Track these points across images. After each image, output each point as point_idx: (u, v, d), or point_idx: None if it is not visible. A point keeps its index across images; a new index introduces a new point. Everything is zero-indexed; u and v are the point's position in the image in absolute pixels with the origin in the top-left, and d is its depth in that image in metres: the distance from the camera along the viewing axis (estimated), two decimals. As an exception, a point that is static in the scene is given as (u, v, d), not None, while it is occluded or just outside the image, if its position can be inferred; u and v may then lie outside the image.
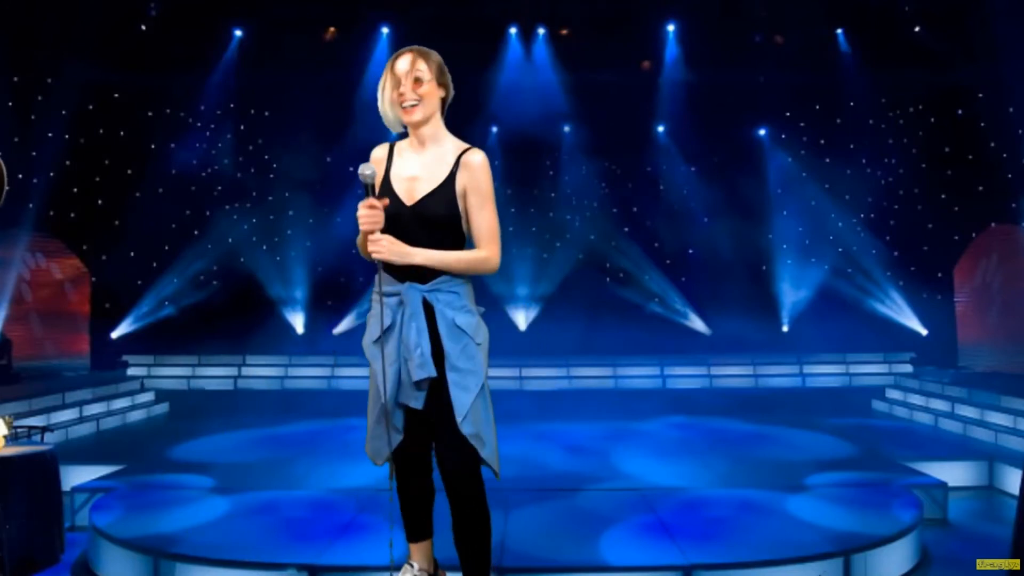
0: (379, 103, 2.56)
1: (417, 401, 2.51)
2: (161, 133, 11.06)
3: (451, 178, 2.50)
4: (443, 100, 2.58)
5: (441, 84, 2.55)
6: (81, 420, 7.50)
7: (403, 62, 2.52)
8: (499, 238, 2.55)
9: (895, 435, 7.04)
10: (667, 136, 11.79)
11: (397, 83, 2.51)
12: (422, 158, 2.54)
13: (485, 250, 2.53)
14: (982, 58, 9.33)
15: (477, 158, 2.52)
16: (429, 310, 2.49)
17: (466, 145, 2.57)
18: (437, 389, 2.50)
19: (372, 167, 2.45)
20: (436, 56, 2.57)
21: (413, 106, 2.49)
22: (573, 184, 11.86)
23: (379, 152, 2.63)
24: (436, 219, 2.48)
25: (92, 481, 5.08)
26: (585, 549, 3.68)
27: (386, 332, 2.50)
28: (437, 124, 2.57)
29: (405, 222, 2.47)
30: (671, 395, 9.40)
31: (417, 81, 2.50)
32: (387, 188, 2.52)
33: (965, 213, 10.19)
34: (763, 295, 11.42)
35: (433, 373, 2.46)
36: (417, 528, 2.73)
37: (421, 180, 2.51)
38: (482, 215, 2.52)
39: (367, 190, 2.43)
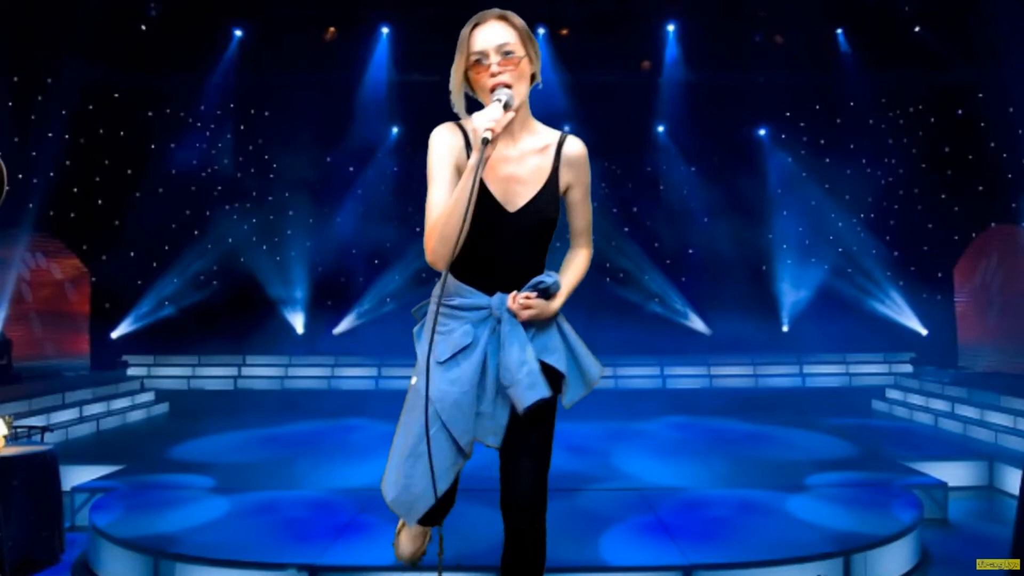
0: (452, 86, 2.09)
1: (496, 437, 2.09)
2: (161, 133, 11.05)
3: (554, 175, 2.13)
4: (533, 77, 2.11)
5: (532, 56, 2.08)
6: (81, 420, 7.50)
7: (488, 33, 2.03)
8: None
9: (895, 435, 7.03)
10: (667, 136, 11.79)
11: (479, 61, 2.03)
12: (515, 151, 2.10)
13: (586, 247, 2.26)
14: (982, 58, 9.32)
15: (580, 148, 2.16)
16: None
17: (558, 132, 2.19)
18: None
19: (507, 92, 1.99)
20: (520, 20, 2.08)
21: (505, 87, 2.01)
22: (573, 184, 11.84)
23: (452, 138, 2.08)
24: (539, 226, 2.11)
25: (92, 481, 5.07)
26: (585, 549, 3.67)
27: (461, 353, 2.08)
28: (526, 107, 2.12)
29: (503, 231, 2.07)
30: (671, 395, 9.40)
31: (508, 56, 2.01)
32: (480, 190, 2.01)
33: (965, 213, 10.19)
34: (763, 295, 11.42)
35: (547, 393, 2.05)
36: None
37: (520, 180, 2.09)
38: (584, 209, 2.21)
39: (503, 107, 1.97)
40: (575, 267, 2.24)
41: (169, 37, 10.31)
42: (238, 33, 11.04)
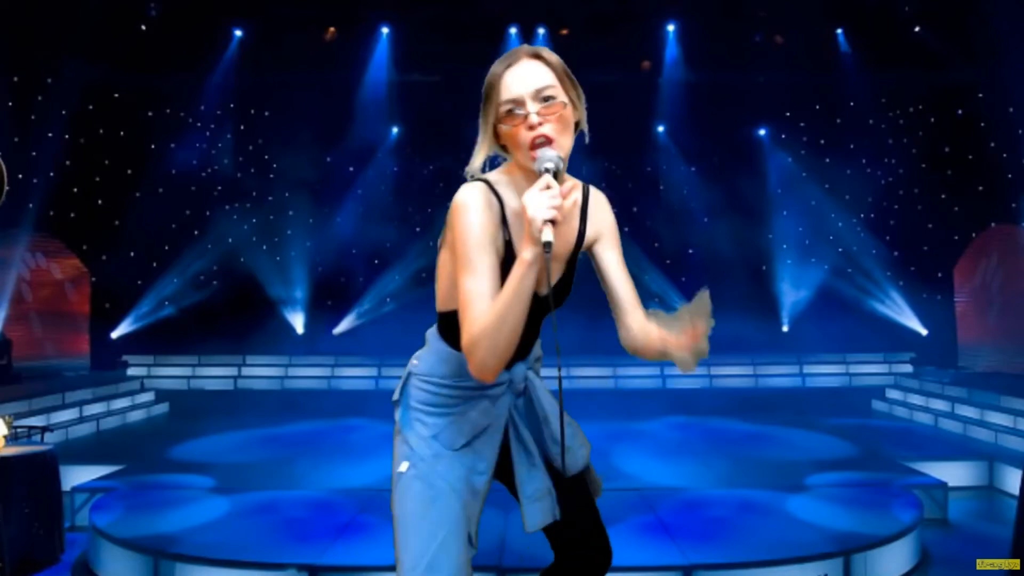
0: (478, 145, 1.72)
1: (558, 510, 1.89)
2: (161, 133, 11.06)
3: (580, 240, 1.81)
4: (577, 126, 1.75)
5: (575, 100, 1.71)
6: (81, 420, 7.51)
7: (522, 75, 1.63)
8: None
9: (895, 435, 7.04)
10: (667, 136, 11.79)
11: (511, 111, 1.63)
12: None
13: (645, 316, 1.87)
14: (982, 58, 9.32)
15: (604, 201, 1.90)
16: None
17: (578, 182, 1.80)
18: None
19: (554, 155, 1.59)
20: (556, 56, 1.70)
21: (547, 143, 1.61)
22: (573, 184, 11.86)
23: (489, 211, 1.63)
24: (562, 300, 1.80)
25: (92, 481, 5.08)
26: (585, 549, 3.67)
27: (479, 437, 1.79)
28: (565, 164, 1.71)
29: (532, 313, 1.64)
30: (671, 395, 9.40)
31: (548, 102, 1.63)
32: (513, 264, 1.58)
33: (965, 213, 10.19)
34: (763, 295, 11.41)
35: (588, 445, 1.94)
36: None
37: (555, 251, 1.69)
38: (624, 270, 1.90)
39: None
40: (655, 329, 1.85)
41: (169, 37, 10.30)
42: (238, 33, 11.03)
